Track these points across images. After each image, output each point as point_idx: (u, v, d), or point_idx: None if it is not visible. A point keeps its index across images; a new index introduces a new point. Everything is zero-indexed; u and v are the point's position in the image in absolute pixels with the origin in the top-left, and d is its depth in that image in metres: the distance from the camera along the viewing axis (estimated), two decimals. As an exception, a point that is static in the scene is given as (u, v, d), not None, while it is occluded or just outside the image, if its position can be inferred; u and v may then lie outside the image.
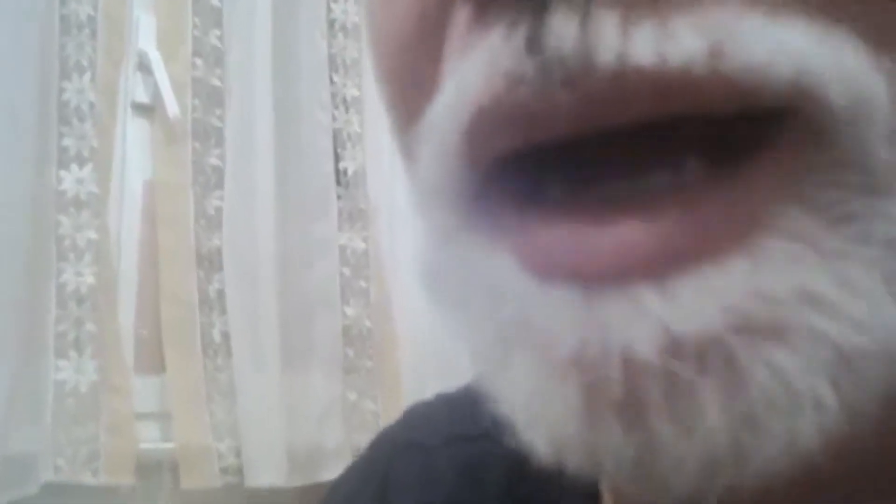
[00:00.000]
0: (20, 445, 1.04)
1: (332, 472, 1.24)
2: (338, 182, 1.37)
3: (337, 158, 1.37)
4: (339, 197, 1.36)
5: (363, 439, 1.25)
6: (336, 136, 1.38)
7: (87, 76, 1.15)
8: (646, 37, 0.15)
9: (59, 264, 1.11)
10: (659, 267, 0.16)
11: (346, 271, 1.35)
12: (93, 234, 1.13)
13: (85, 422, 1.09)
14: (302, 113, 1.34)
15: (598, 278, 0.16)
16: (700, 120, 0.16)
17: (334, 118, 1.38)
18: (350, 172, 1.38)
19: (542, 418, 0.17)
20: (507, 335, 0.18)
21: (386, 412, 1.31)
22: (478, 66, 0.17)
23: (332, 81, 1.39)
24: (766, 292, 0.15)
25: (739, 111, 0.16)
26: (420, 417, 0.40)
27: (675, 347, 0.16)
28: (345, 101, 1.39)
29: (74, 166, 1.14)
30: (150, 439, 1.18)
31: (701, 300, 0.16)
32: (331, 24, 1.40)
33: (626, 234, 0.16)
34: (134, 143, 1.25)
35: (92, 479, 1.08)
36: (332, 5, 1.40)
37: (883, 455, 0.20)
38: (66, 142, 1.14)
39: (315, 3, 1.38)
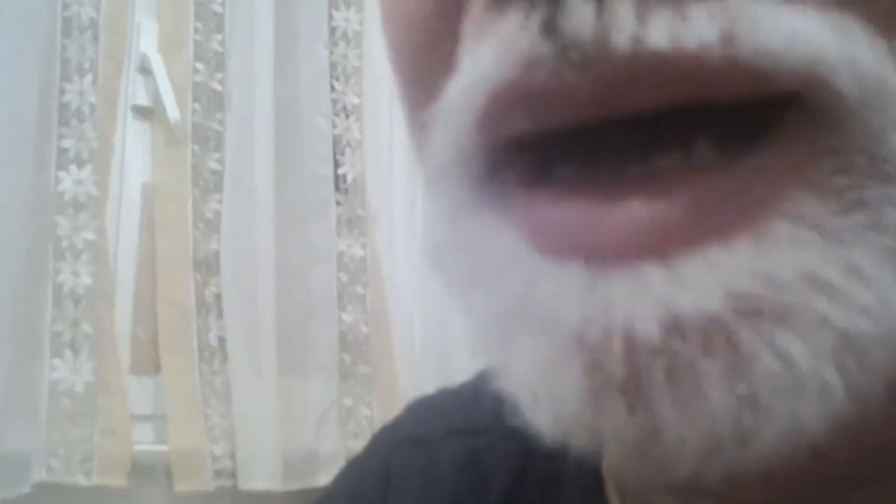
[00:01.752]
0: (13, 444, 1.04)
1: (326, 477, 1.23)
2: (337, 188, 1.37)
3: (336, 165, 1.38)
4: (337, 203, 1.36)
5: (358, 445, 1.24)
6: (336, 142, 1.38)
7: (89, 78, 1.16)
8: (661, 22, 0.15)
9: (56, 264, 1.11)
10: (665, 245, 0.16)
11: (344, 277, 1.35)
12: (91, 236, 1.13)
13: (79, 422, 1.08)
14: (302, 119, 1.34)
15: (603, 256, 0.16)
16: (711, 107, 0.16)
17: (334, 125, 1.38)
18: (349, 179, 1.38)
19: (546, 398, 0.18)
20: (512, 313, 0.18)
21: (382, 418, 1.30)
22: (494, 50, 0.17)
23: (332, 88, 1.39)
24: (772, 275, 0.15)
25: (749, 98, 0.16)
26: (422, 412, 0.40)
27: (677, 327, 0.16)
28: (345, 108, 1.40)
29: (73, 167, 1.14)
30: (144, 441, 1.18)
31: (705, 280, 0.16)
32: (332, 31, 1.40)
33: (635, 212, 0.16)
34: (133, 145, 1.25)
35: (85, 479, 1.07)
36: (334, 13, 1.41)
37: (888, 440, 0.20)
38: (66, 143, 1.14)
39: (317, 11, 1.38)
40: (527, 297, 0.18)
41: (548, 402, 0.18)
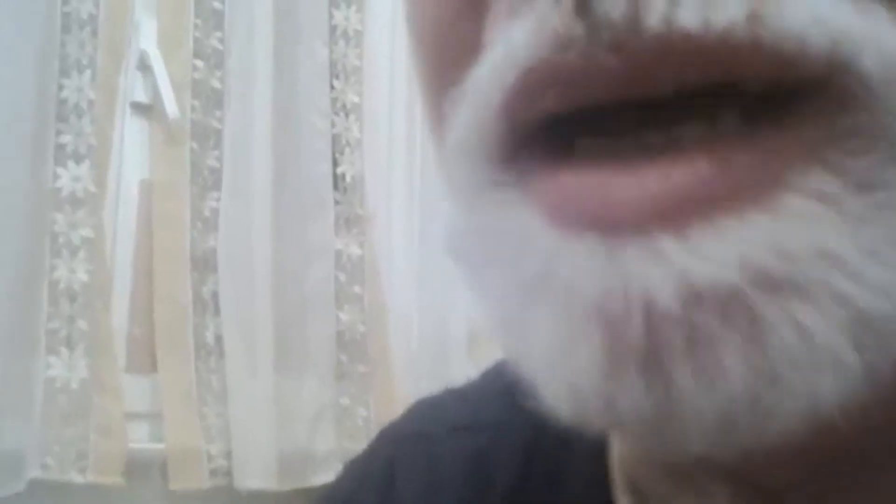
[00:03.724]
0: (9, 442, 1.03)
1: (321, 476, 1.23)
2: (335, 187, 1.37)
3: (335, 163, 1.37)
4: (336, 202, 1.36)
5: (354, 445, 1.24)
6: (335, 141, 1.38)
7: (87, 74, 1.16)
8: (691, 2, 0.15)
9: (52, 261, 1.11)
10: (680, 216, 0.16)
11: (341, 276, 1.34)
12: (88, 232, 1.13)
13: (75, 420, 1.08)
14: (301, 117, 1.34)
15: (619, 227, 0.16)
16: (737, 91, 0.16)
17: (333, 124, 1.38)
18: (348, 178, 1.38)
19: (563, 371, 0.18)
20: (530, 288, 0.18)
21: (378, 418, 1.30)
22: (527, 28, 0.17)
23: (332, 87, 1.39)
24: (786, 248, 0.16)
25: (775, 82, 0.16)
26: (425, 410, 0.40)
27: (695, 298, 0.16)
28: (344, 107, 1.40)
29: (71, 163, 1.14)
30: (139, 439, 1.18)
31: (721, 251, 0.16)
32: (332, 30, 1.40)
33: (649, 181, 0.16)
34: (132, 142, 1.25)
35: (80, 477, 1.07)
36: (334, 11, 1.41)
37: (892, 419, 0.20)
38: (64, 139, 1.14)
39: (316, 10, 1.38)
40: (545, 272, 0.18)
41: (565, 378, 0.18)
